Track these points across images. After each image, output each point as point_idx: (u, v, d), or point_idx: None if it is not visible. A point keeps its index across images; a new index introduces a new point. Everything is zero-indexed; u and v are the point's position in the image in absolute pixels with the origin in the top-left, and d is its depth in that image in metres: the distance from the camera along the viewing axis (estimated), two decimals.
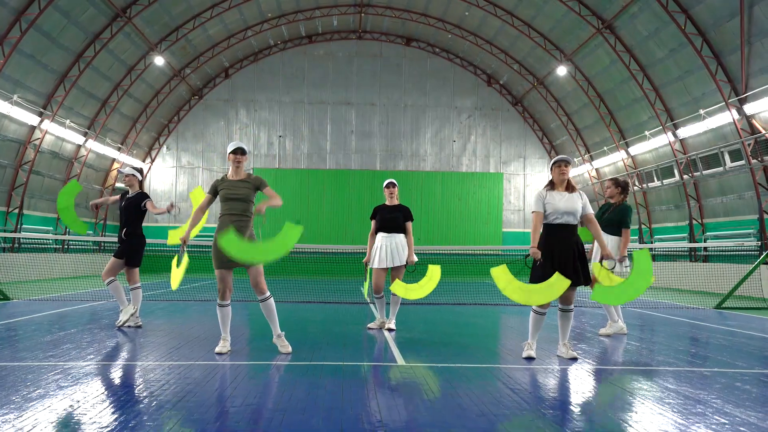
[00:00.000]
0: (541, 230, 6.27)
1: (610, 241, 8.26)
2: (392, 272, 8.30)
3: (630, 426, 4.01)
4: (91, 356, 6.07)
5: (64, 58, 20.28)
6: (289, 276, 22.23)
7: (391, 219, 8.31)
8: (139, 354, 6.33)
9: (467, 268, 27.92)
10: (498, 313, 11.16)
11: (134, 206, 8.29)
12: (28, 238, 21.50)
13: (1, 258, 18.55)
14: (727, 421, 4.12)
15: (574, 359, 6.32)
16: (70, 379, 5.01)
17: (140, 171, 8.60)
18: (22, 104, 19.08)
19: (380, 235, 8.31)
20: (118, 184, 27.82)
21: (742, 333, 8.76)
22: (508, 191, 30.86)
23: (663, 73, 20.41)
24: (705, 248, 18.64)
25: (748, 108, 17.15)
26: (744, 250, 17.58)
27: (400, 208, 8.45)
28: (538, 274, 6.11)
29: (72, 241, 24.61)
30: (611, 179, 8.65)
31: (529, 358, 6.30)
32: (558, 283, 5.87)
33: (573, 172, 29.58)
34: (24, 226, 21.06)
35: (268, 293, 6.39)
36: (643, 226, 24.71)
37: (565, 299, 6.29)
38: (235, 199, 6.25)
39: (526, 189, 30.82)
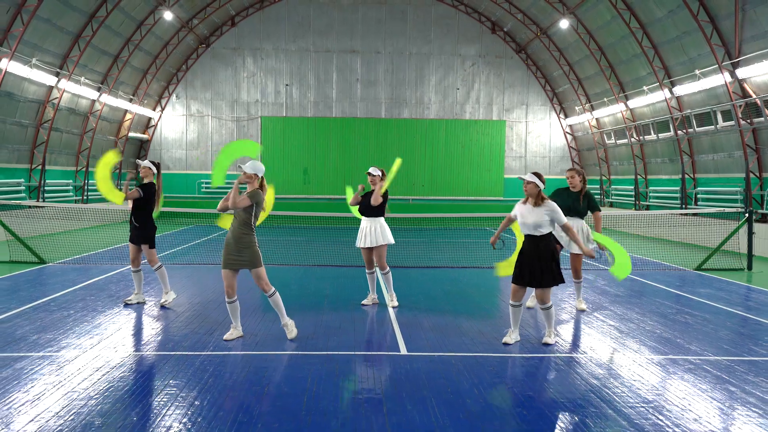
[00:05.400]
0: (507, 228, 7.80)
1: (575, 223, 9.18)
2: (374, 250, 9.51)
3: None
4: (138, 346, 7.25)
5: (78, 19, 20.85)
6: (298, 223, 23.38)
7: (375, 207, 9.50)
8: (167, 345, 7.47)
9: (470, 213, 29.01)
10: (490, 279, 12.27)
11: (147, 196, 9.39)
12: (51, 190, 22.60)
13: (28, 212, 19.67)
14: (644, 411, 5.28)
15: (547, 344, 7.49)
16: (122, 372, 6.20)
17: (157, 165, 9.60)
18: (40, 66, 19.80)
19: (364, 219, 9.61)
20: (132, 134, 28.65)
21: (709, 306, 9.94)
22: (510, 138, 31.57)
23: (661, 32, 20.90)
24: (695, 213, 19.69)
25: (740, 72, 17.78)
26: (730, 208, 18.50)
27: (382, 195, 9.60)
28: (516, 273, 7.39)
29: (92, 191, 25.71)
30: (575, 170, 9.42)
31: (506, 344, 7.50)
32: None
33: (575, 120, 30.24)
34: (47, 181, 22.12)
35: (272, 290, 7.49)
36: (639, 177, 25.62)
37: (540, 299, 7.41)
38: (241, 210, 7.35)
39: (528, 136, 31.54)
